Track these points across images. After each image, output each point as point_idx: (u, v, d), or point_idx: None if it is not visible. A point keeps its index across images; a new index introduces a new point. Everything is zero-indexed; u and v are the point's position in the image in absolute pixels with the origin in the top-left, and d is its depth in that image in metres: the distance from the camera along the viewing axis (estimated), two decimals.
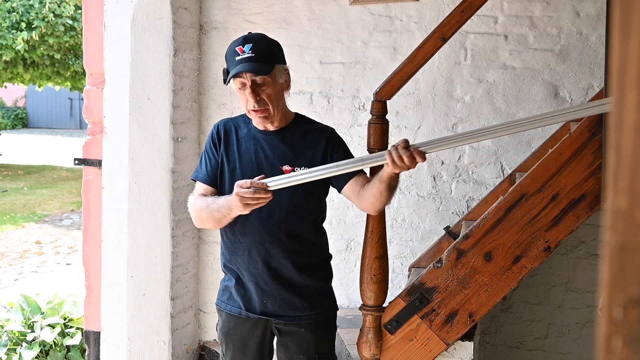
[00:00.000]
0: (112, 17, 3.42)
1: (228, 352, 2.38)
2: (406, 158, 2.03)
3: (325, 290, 2.37)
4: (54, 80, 13.74)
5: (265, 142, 2.27)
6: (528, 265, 2.46)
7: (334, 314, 2.40)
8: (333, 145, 2.27)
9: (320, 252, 2.36)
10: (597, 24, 3.43)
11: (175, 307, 3.54)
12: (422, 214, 3.63)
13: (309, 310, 2.30)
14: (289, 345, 2.32)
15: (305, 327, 2.30)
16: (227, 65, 2.22)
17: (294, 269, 2.26)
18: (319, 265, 2.34)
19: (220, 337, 2.41)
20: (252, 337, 2.33)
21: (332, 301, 2.39)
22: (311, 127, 2.31)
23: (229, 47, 2.22)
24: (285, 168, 2.22)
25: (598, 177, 2.38)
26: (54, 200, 11.09)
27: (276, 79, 2.21)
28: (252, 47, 2.16)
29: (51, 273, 7.11)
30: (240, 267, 2.29)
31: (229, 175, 2.26)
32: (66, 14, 11.88)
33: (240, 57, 2.15)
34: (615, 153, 0.49)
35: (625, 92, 0.48)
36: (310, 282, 2.30)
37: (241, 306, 2.31)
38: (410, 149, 2.04)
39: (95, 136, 3.58)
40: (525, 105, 3.52)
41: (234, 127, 2.32)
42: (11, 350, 3.94)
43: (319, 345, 2.33)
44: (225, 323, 2.36)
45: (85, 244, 3.63)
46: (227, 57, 2.21)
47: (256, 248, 2.24)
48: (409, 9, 3.58)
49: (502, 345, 3.63)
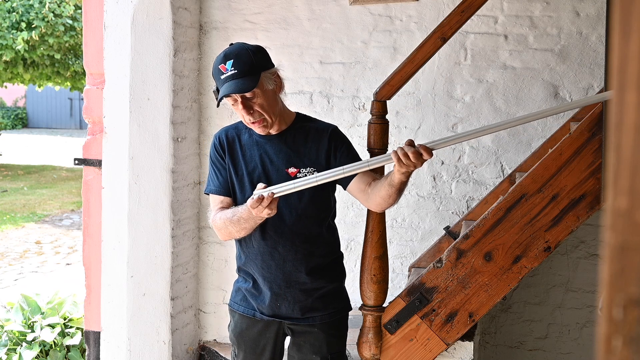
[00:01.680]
0: (112, 17, 3.42)
1: (240, 353, 2.39)
2: (412, 154, 1.98)
3: (338, 290, 2.38)
4: (54, 80, 13.75)
5: (269, 146, 2.26)
6: (528, 265, 2.46)
7: (346, 313, 2.41)
8: (336, 143, 2.27)
9: (333, 250, 2.36)
10: (597, 24, 3.43)
11: (175, 307, 3.54)
12: (422, 214, 3.63)
13: (322, 310, 2.31)
14: (302, 345, 2.33)
15: (318, 327, 2.31)
16: (215, 83, 2.20)
17: (308, 272, 2.27)
18: (331, 266, 2.35)
19: (232, 338, 2.41)
20: (264, 338, 2.34)
21: (345, 300, 2.41)
22: (313, 126, 2.31)
23: (213, 65, 2.19)
24: (291, 170, 2.22)
25: (598, 177, 2.38)
26: (54, 200, 11.09)
27: (265, 88, 2.17)
28: (234, 64, 2.12)
29: (51, 273, 7.11)
30: (255, 271, 2.30)
31: (238, 183, 2.26)
32: (66, 14, 11.88)
33: (225, 75, 2.12)
34: (615, 153, 0.49)
35: (625, 92, 0.48)
36: (324, 283, 2.31)
37: (255, 308, 2.32)
38: (416, 146, 2.03)
39: (95, 136, 3.58)
40: (525, 105, 3.52)
41: (236, 134, 2.31)
42: (11, 350, 3.94)
43: (332, 344, 2.35)
44: (238, 324, 2.37)
45: (85, 244, 3.63)
46: (214, 75, 2.19)
47: (269, 252, 2.25)
48: (409, 9, 3.58)
49: (502, 345, 3.63)
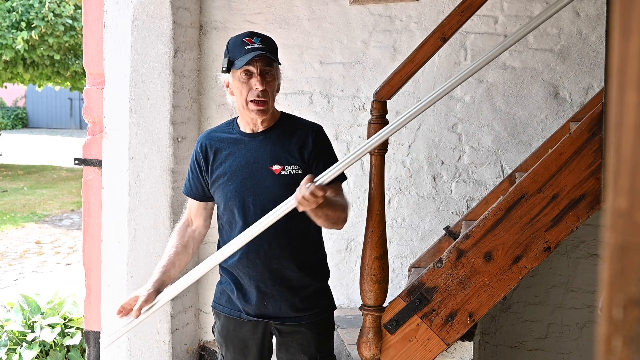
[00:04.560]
0: (112, 17, 3.42)
1: (228, 354, 2.38)
2: (308, 195, 2.02)
3: (324, 289, 2.38)
4: (54, 80, 13.75)
5: (253, 143, 2.27)
6: (528, 265, 2.46)
7: (332, 312, 2.41)
8: (320, 144, 2.28)
9: (318, 249, 2.38)
10: (597, 24, 3.43)
11: (175, 307, 3.54)
12: (422, 214, 3.63)
13: (309, 310, 2.31)
14: (290, 345, 2.32)
15: (305, 326, 2.31)
16: (230, 55, 2.21)
17: (294, 269, 2.27)
18: (317, 264, 2.36)
19: (219, 339, 2.41)
20: (252, 338, 2.33)
21: (331, 299, 2.41)
22: (298, 125, 2.31)
23: (232, 39, 2.24)
24: (275, 167, 2.22)
25: (598, 177, 2.38)
26: (54, 200, 11.09)
27: (277, 76, 2.24)
28: (261, 41, 2.20)
29: (51, 273, 7.11)
30: (240, 270, 2.29)
31: (224, 184, 2.27)
32: (66, 14, 11.88)
33: (251, 46, 2.17)
34: (615, 153, 0.49)
35: (625, 92, 0.48)
36: (310, 281, 2.31)
37: (240, 310, 2.31)
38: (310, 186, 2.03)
39: (95, 136, 3.58)
40: (525, 105, 3.52)
41: (219, 137, 2.32)
42: (11, 350, 3.94)
43: (320, 344, 2.34)
44: (225, 325, 2.36)
45: (85, 244, 3.63)
46: (232, 47, 2.21)
47: (255, 250, 2.24)
48: (409, 9, 3.58)
49: (502, 345, 3.63)
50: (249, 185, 2.22)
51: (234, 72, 2.19)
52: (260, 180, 2.21)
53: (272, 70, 2.20)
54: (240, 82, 2.19)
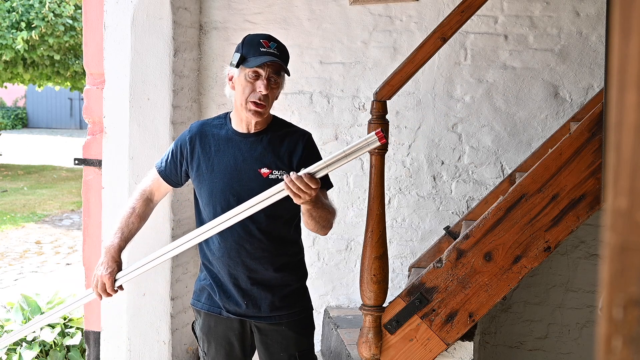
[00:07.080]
0: (112, 17, 3.42)
1: (210, 350, 2.41)
2: (300, 184, 2.01)
3: (302, 290, 2.41)
4: (54, 80, 13.75)
5: (244, 144, 2.28)
6: (528, 265, 2.46)
7: (311, 312, 2.44)
8: (309, 152, 2.29)
9: (298, 251, 2.40)
10: (597, 24, 3.43)
11: (175, 307, 3.54)
12: (422, 214, 3.63)
13: (288, 309, 2.34)
14: (269, 344, 2.36)
15: (285, 325, 2.34)
16: (243, 51, 2.21)
17: (274, 269, 2.30)
18: (296, 265, 2.39)
19: (200, 336, 2.43)
20: (233, 334, 2.37)
21: (309, 299, 2.44)
22: (289, 131, 2.33)
23: (249, 36, 2.24)
24: (264, 171, 2.24)
25: (598, 177, 2.38)
26: (54, 200, 11.09)
27: (281, 85, 2.26)
28: (277, 47, 2.22)
29: (51, 273, 7.11)
30: (220, 268, 2.32)
31: (208, 178, 2.28)
32: (66, 14, 11.88)
33: (267, 50, 2.19)
34: (615, 153, 0.49)
35: (625, 92, 0.48)
36: (289, 281, 2.34)
37: (220, 307, 2.34)
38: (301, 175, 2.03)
39: (95, 136, 3.58)
40: (525, 105, 3.52)
41: (210, 130, 2.33)
42: (11, 350, 3.94)
43: (299, 343, 2.37)
44: (206, 322, 2.39)
45: (85, 244, 3.63)
46: (248, 44, 2.22)
47: (236, 249, 2.27)
48: (409, 9, 3.58)
49: (502, 345, 3.63)
50: (235, 185, 2.24)
51: (242, 68, 2.20)
52: (247, 181, 2.23)
53: (279, 78, 2.22)
54: (245, 81, 2.21)
